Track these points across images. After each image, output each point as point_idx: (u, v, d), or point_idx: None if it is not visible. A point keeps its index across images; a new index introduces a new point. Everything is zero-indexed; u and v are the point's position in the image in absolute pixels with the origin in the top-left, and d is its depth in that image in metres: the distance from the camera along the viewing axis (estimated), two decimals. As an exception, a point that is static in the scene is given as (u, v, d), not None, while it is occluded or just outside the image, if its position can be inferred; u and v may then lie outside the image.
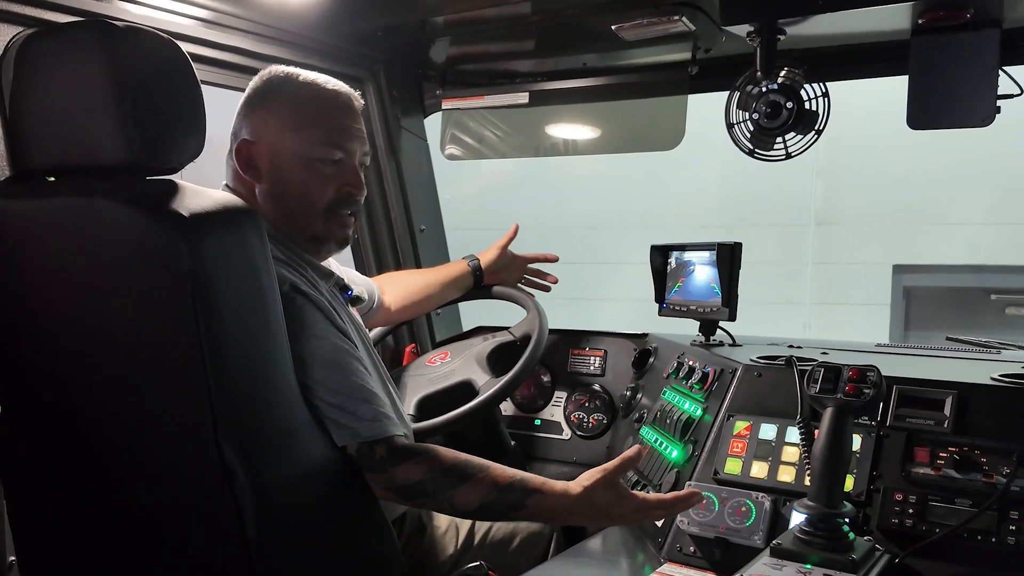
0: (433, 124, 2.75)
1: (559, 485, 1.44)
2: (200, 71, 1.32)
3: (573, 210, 7.01)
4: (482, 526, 1.84)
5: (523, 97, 2.57)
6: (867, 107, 4.06)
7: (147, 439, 1.27)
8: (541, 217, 6.25)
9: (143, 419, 1.26)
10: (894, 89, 1.98)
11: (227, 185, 1.59)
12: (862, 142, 6.02)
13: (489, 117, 2.75)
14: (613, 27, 2.09)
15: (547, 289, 2.42)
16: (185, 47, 1.29)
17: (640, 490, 1.77)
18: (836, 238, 6.63)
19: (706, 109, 2.32)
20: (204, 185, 1.28)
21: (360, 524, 1.45)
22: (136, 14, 1.83)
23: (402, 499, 1.44)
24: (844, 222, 6.59)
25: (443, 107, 2.67)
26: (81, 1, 1.72)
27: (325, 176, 1.55)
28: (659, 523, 1.64)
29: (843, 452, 1.33)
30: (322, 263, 1.63)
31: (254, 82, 1.58)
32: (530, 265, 2.42)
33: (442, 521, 1.82)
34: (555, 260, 2.44)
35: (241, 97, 1.59)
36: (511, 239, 2.37)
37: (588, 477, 1.45)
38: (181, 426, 1.22)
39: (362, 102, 1.61)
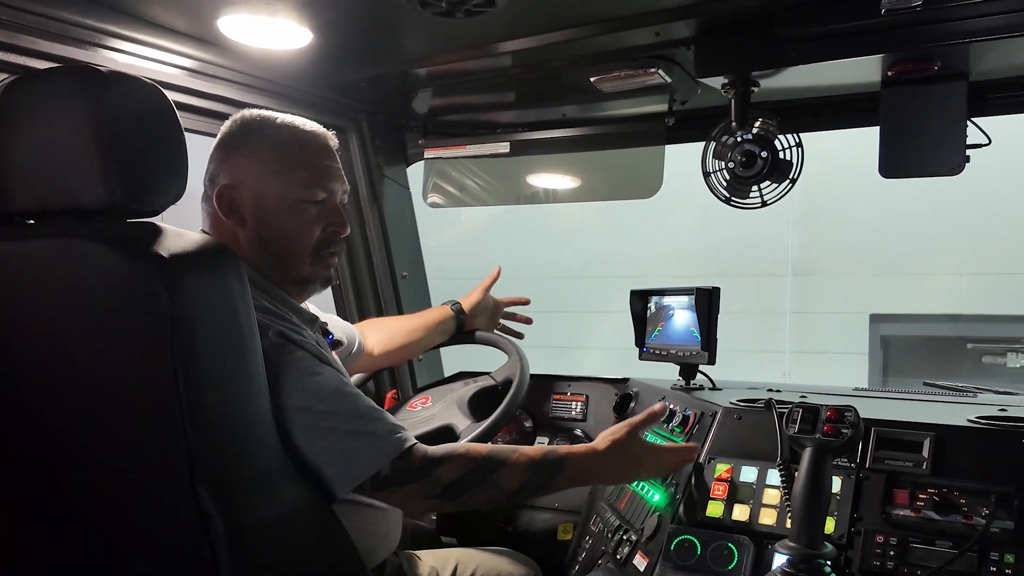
0: (416, 173, 2.78)
1: (584, 446, 1.57)
2: (184, 119, 1.34)
3: (554, 259, 7.05)
4: (464, 571, 1.81)
5: (504, 147, 2.61)
6: (842, 159, 4.15)
7: (122, 480, 1.24)
8: (523, 266, 6.28)
9: (118, 460, 1.24)
10: (866, 141, 2.03)
11: (203, 231, 1.58)
12: (837, 194, 6.14)
13: (471, 166, 2.79)
14: (592, 79, 2.14)
15: (521, 335, 2.42)
16: (169, 95, 1.30)
17: (622, 536, 1.76)
18: (813, 288, 6.70)
19: (684, 160, 2.36)
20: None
21: (338, 570, 1.42)
22: (122, 63, 1.85)
23: (451, 498, 1.44)
24: (821, 272, 6.68)
25: (425, 156, 2.71)
26: (66, 50, 1.74)
27: (310, 217, 1.56)
28: (641, 568, 1.62)
29: (823, 492, 1.34)
30: (305, 308, 1.63)
31: (227, 126, 1.58)
32: (505, 309, 2.42)
33: (424, 568, 1.79)
34: (527, 302, 2.44)
35: (213, 142, 1.59)
36: (494, 281, 2.38)
37: (610, 432, 1.58)
38: (156, 467, 1.20)
39: (336, 142, 1.63)
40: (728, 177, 2.05)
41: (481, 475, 1.44)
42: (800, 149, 1.98)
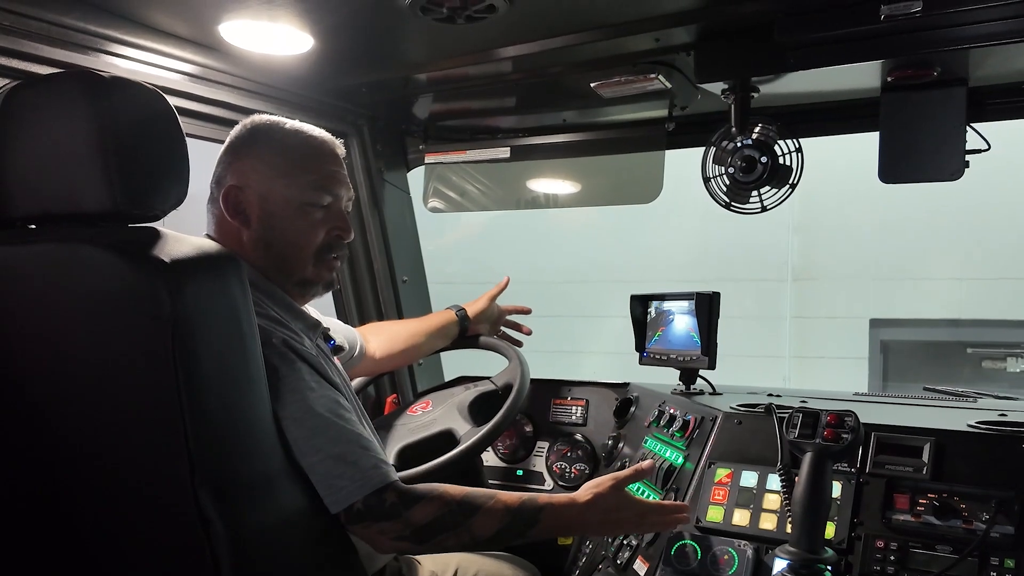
0: (416, 177, 2.79)
1: (565, 496, 1.49)
2: (186, 124, 1.34)
3: (554, 264, 7.06)
4: (465, 573, 1.81)
5: (504, 152, 2.62)
6: (841, 165, 4.16)
7: (123, 485, 1.25)
8: (523, 271, 6.29)
9: (120, 464, 1.24)
10: (866, 146, 2.03)
11: (208, 235, 1.59)
12: (837, 199, 6.15)
13: (471, 171, 2.79)
14: (592, 85, 2.15)
15: (520, 344, 2.42)
16: (171, 100, 1.30)
17: (622, 541, 1.76)
18: (813, 293, 6.71)
19: (685, 165, 2.37)
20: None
21: (338, 575, 1.42)
22: (124, 68, 1.85)
23: (420, 541, 1.41)
24: (821, 277, 6.68)
25: (426, 161, 2.72)
26: (68, 55, 1.74)
27: (315, 220, 1.56)
28: (641, 573, 1.62)
29: (823, 497, 1.34)
30: (307, 313, 1.63)
31: (237, 130, 1.59)
32: (506, 317, 2.43)
33: (423, 572, 1.79)
34: (528, 312, 2.45)
35: (222, 146, 1.60)
36: (501, 291, 2.38)
37: (594, 483, 1.51)
38: (158, 471, 1.21)
39: (343, 150, 1.64)
40: (728, 182, 2.06)
41: (453, 520, 1.40)
42: (800, 154, 1.99)
